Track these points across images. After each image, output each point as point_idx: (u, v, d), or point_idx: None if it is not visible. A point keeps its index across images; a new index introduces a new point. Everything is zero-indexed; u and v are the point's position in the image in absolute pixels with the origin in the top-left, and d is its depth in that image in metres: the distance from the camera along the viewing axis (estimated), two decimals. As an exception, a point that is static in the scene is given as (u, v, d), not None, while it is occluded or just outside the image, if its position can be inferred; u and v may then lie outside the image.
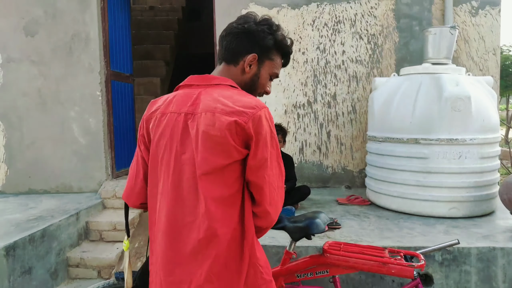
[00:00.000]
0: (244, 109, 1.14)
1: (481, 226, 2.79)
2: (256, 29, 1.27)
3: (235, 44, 1.27)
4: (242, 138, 1.14)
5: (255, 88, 1.33)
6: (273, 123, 1.21)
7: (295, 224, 1.84)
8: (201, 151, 1.14)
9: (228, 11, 4.22)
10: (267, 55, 1.30)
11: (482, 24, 4.15)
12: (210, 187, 1.15)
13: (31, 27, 4.30)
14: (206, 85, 1.25)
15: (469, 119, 2.93)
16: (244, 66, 1.27)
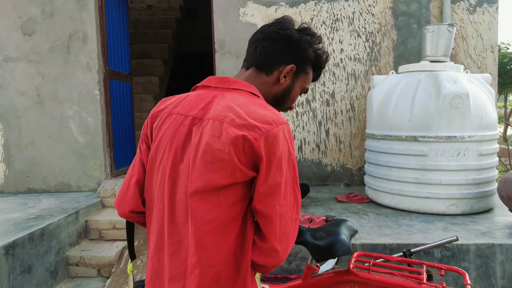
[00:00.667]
0: (258, 123, 0.98)
1: (479, 223, 2.80)
2: (299, 39, 1.14)
3: (274, 51, 1.14)
4: (250, 158, 0.97)
5: (285, 102, 1.21)
6: (292, 143, 1.04)
7: (316, 242, 1.60)
8: (198, 164, 0.99)
9: (226, 10, 4.22)
10: (304, 69, 1.19)
11: (479, 22, 4.17)
12: (201, 208, 0.98)
13: (28, 26, 4.29)
14: (225, 88, 1.11)
15: (467, 116, 2.94)
16: (280, 77, 1.14)
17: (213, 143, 0.98)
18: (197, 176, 0.98)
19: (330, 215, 2.94)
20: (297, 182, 1.05)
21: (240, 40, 4.23)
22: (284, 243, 1.01)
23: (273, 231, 1.00)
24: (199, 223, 0.98)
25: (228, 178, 0.97)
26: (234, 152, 0.96)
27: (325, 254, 1.59)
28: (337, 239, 1.58)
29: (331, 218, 2.83)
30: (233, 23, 4.23)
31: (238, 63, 4.25)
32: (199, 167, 0.98)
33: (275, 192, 0.99)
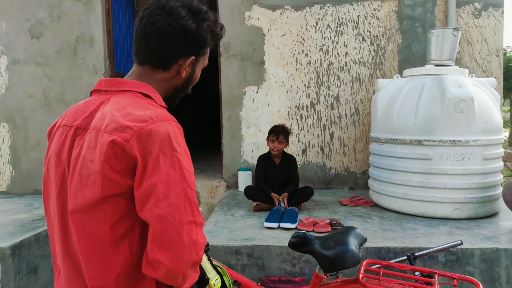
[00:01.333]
0: (130, 123, 0.88)
1: (484, 227, 2.80)
2: (196, 28, 1.03)
3: (172, 47, 1.03)
4: (126, 164, 0.87)
5: (187, 88, 1.15)
6: (179, 139, 0.92)
7: (325, 253, 1.58)
8: (75, 180, 0.91)
9: (231, 13, 4.24)
10: (204, 52, 1.11)
11: (485, 26, 4.16)
12: (84, 226, 0.90)
13: (36, 29, 4.34)
14: (114, 91, 1.01)
15: (472, 120, 2.94)
16: (180, 70, 1.06)
17: (88, 155, 0.90)
18: (74, 193, 0.91)
19: (334, 218, 2.95)
20: (189, 180, 0.91)
21: (245, 44, 4.25)
22: (171, 252, 0.85)
23: (152, 238, 0.85)
24: (84, 242, 0.91)
25: (101, 191, 0.87)
26: (105, 161, 0.87)
27: (334, 265, 1.57)
28: (346, 249, 1.57)
29: (335, 222, 2.84)
30: (238, 27, 4.25)
31: (243, 66, 4.27)
32: (76, 183, 0.91)
33: (152, 193, 0.86)
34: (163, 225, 0.85)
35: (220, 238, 2.59)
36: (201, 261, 0.93)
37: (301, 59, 4.26)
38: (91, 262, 0.91)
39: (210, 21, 1.08)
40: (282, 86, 4.28)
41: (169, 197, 0.86)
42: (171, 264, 0.85)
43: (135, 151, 0.86)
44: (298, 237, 1.68)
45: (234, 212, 3.30)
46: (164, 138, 0.88)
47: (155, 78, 1.06)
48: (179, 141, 0.92)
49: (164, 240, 0.85)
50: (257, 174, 3.47)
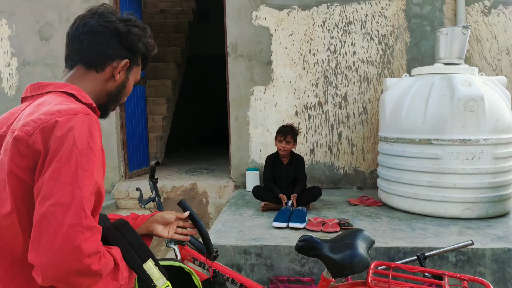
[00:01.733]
0: (36, 118, 0.83)
1: (495, 227, 2.77)
2: (128, 31, 1.07)
3: (105, 46, 1.04)
4: (32, 160, 0.82)
5: (120, 97, 1.13)
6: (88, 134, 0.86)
7: (333, 257, 1.56)
8: None
9: (239, 14, 4.25)
10: (136, 61, 1.13)
11: (495, 24, 4.12)
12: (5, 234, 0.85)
13: (45, 31, 4.39)
14: (38, 94, 0.97)
15: (482, 119, 2.91)
16: (114, 73, 1.07)
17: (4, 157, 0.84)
18: None
19: (343, 218, 2.94)
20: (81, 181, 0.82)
21: (252, 43, 4.25)
22: (46, 255, 0.76)
23: (32, 238, 0.78)
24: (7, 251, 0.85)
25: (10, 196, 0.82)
26: (12, 160, 0.81)
27: (343, 270, 1.56)
28: (355, 254, 1.55)
29: (344, 221, 2.83)
30: (245, 27, 4.26)
31: (250, 66, 4.28)
32: None
33: (40, 190, 0.79)
34: (43, 225, 0.77)
35: (229, 238, 2.60)
36: (93, 269, 0.80)
37: (309, 58, 4.26)
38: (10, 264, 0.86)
39: (140, 29, 1.10)
40: (290, 85, 4.27)
41: (54, 196, 0.78)
42: (45, 269, 0.77)
43: (39, 145, 0.80)
44: (305, 241, 1.66)
45: (242, 212, 3.30)
46: (67, 133, 0.82)
47: (87, 79, 1.04)
48: (84, 136, 0.84)
49: (41, 241, 0.77)
50: (265, 174, 3.47)
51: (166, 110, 6.36)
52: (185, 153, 7.71)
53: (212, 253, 1.67)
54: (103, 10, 1.08)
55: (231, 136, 4.38)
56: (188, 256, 1.86)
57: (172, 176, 4.90)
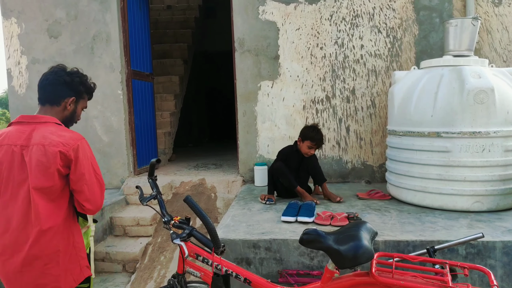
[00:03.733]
0: (67, 141, 1.66)
1: (506, 220, 2.75)
2: (71, 80, 1.78)
3: (58, 91, 1.76)
4: (65, 162, 1.65)
5: (73, 119, 1.86)
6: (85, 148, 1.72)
7: (338, 249, 1.59)
8: (34, 173, 1.61)
9: (245, 8, 4.24)
10: (80, 96, 1.84)
11: (505, 14, 4.06)
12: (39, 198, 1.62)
13: (54, 29, 4.43)
14: (37, 122, 1.70)
15: (493, 111, 2.88)
16: (66, 106, 1.78)
17: (41, 158, 1.61)
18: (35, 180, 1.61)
19: (352, 212, 2.93)
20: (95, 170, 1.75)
21: (259, 38, 4.25)
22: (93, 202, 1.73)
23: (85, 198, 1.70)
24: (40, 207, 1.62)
25: (52, 179, 1.63)
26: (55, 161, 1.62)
27: (348, 262, 1.58)
28: (360, 245, 1.57)
29: (352, 215, 2.83)
30: (252, 21, 4.25)
31: (257, 61, 4.27)
32: (36, 174, 1.61)
33: (82, 177, 1.68)
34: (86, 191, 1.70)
35: (238, 232, 2.61)
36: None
37: (316, 52, 4.24)
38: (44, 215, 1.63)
39: (81, 77, 1.83)
40: (297, 80, 4.26)
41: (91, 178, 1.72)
42: (93, 205, 1.73)
43: (71, 156, 1.65)
44: (309, 233, 1.67)
45: (251, 206, 3.32)
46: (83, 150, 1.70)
47: (53, 111, 1.77)
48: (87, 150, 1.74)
49: (91, 199, 1.72)
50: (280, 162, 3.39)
51: (173, 106, 6.39)
52: (193, 149, 7.74)
53: (220, 247, 1.68)
54: (56, 69, 1.80)
55: (239, 131, 4.39)
56: (191, 252, 1.87)
57: (181, 171, 4.93)
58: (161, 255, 3.52)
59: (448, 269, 1.60)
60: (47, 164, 1.60)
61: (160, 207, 1.93)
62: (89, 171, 1.71)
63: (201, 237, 1.77)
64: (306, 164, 3.43)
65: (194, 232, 1.78)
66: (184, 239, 1.77)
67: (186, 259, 1.79)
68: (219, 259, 1.81)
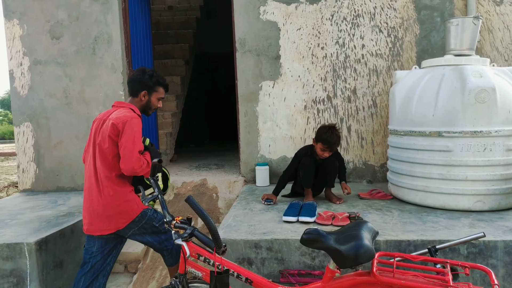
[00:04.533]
0: (121, 117, 2.31)
1: (508, 219, 2.74)
2: (143, 78, 2.49)
3: (135, 87, 2.51)
4: (116, 132, 2.30)
5: (150, 107, 2.55)
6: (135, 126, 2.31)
7: (339, 249, 1.59)
8: (100, 137, 2.35)
9: (246, 9, 4.25)
10: (152, 89, 2.53)
11: (507, 13, 4.05)
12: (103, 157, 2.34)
13: (56, 30, 4.44)
14: (119, 106, 2.48)
15: (494, 110, 2.87)
16: (141, 97, 2.51)
17: (105, 128, 2.34)
18: (99, 141, 2.36)
19: (353, 211, 2.94)
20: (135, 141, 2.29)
21: (260, 39, 4.25)
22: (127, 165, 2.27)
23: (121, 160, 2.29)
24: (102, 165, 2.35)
25: (107, 142, 2.32)
26: (111, 130, 2.30)
27: (349, 261, 1.58)
28: (361, 244, 1.57)
29: (354, 215, 2.83)
30: (253, 22, 4.25)
31: (258, 61, 4.28)
32: (100, 138, 2.35)
33: (122, 144, 2.28)
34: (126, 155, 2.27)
35: (240, 232, 2.62)
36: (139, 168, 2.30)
37: (317, 52, 4.24)
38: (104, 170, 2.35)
39: (151, 75, 2.52)
40: (298, 80, 4.26)
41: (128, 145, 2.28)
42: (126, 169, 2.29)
43: (120, 127, 2.29)
44: (310, 233, 1.67)
45: (252, 206, 3.32)
46: (129, 124, 2.30)
47: (134, 101, 2.53)
48: (135, 127, 2.32)
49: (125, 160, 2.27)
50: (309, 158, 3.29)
51: (175, 107, 6.40)
52: (194, 149, 7.75)
53: (221, 247, 1.69)
54: (136, 71, 2.56)
55: (240, 132, 4.39)
56: (193, 252, 1.87)
57: (182, 172, 4.94)
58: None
59: (449, 268, 1.60)
60: (106, 131, 2.30)
61: (161, 207, 1.94)
62: (128, 141, 2.25)
63: (203, 237, 1.78)
64: (323, 167, 3.28)
65: (195, 232, 1.78)
66: (186, 239, 1.77)
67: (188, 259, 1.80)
68: (220, 259, 1.81)
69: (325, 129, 3.19)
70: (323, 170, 3.32)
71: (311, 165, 3.24)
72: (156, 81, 2.48)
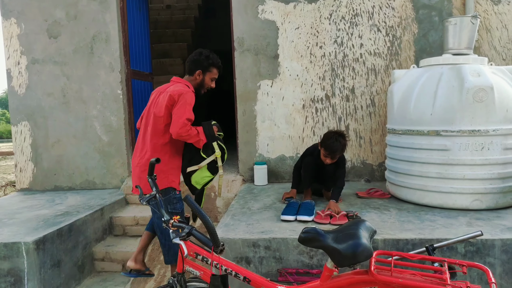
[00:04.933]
0: (177, 90, 2.57)
1: (505, 218, 2.75)
2: (199, 59, 2.73)
3: (192, 66, 2.74)
4: (172, 102, 2.54)
5: (203, 86, 2.80)
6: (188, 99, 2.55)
7: (337, 248, 1.59)
8: (157, 106, 2.60)
9: (245, 8, 4.24)
10: (207, 69, 2.76)
11: (505, 13, 4.06)
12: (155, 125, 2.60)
13: (54, 29, 4.43)
14: (176, 82, 2.72)
15: (492, 109, 2.88)
16: (196, 76, 2.75)
17: (162, 99, 2.60)
18: (155, 110, 2.61)
19: (351, 210, 2.94)
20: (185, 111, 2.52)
21: (259, 38, 4.25)
22: (175, 129, 2.49)
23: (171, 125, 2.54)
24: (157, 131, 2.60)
25: (162, 111, 2.56)
26: (168, 100, 2.55)
27: (347, 260, 1.57)
28: (359, 243, 1.56)
29: (352, 214, 2.83)
30: (252, 21, 4.25)
31: (257, 60, 4.27)
32: (157, 107, 2.61)
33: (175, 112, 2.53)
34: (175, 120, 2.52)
35: (238, 231, 2.62)
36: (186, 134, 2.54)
37: (316, 51, 4.24)
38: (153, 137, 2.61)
39: (207, 56, 2.74)
40: (297, 79, 4.26)
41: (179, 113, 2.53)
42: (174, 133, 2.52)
43: (176, 98, 2.54)
44: (308, 232, 1.67)
45: (250, 205, 3.32)
46: (183, 97, 2.54)
47: (190, 79, 2.76)
48: (188, 99, 2.55)
49: (174, 125, 2.51)
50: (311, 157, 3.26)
51: (173, 106, 6.39)
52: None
53: (219, 246, 1.69)
54: (194, 52, 2.79)
55: (238, 131, 4.39)
56: (191, 251, 1.86)
57: (181, 171, 4.92)
58: (161, 254, 3.52)
59: (447, 267, 1.61)
60: (164, 101, 2.56)
61: (159, 206, 1.93)
62: (180, 109, 2.52)
63: (201, 236, 1.77)
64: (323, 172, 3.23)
65: (193, 231, 1.78)
66: (184, 238, 1.77)
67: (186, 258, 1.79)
68: (218, 258, 1.81)
69: (330, 134, 3.07)
70: (322, 176, 3.29)
71: (310, 166, 3.24)
72: (211, 62, 2.73)
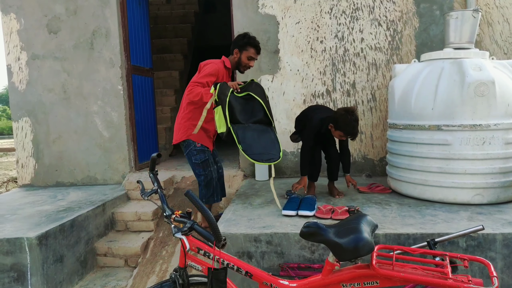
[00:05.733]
0: (205, 62, 3.07)
1: (506, 213, 2.75)
2: (237, 39, 3.12)
3: (231, 46, 3.14)
4: (200, 69, 3.03)
5: (240, 64, 3.15)
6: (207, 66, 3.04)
7: (338, 242, 1.58)
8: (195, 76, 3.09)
9: (245, 2, 4.22)
10: (243, 48, 3.09)
11: (506, 6, 4.04)
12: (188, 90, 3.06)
13: (54, 25, 4.42)
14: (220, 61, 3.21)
15: (493, 104, 2.87)
16: (234, 55, 3.13)
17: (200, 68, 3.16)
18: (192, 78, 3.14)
19: (352, 205, 2.94)
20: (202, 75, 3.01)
21: (259, 32, 4.23)
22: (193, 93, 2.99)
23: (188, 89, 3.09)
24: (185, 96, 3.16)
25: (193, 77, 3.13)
26: (198, 69, 3.14)
27: (349, 254, 1.57)
28: (360, 237, 1.56)
29: (353, 209, 2.84)
30: (252, 15, 4.23)
31: (257, 55, 4.25)
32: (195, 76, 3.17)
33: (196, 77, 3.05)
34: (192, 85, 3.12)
35: (239, 227, 2.63)
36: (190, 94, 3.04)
37: (316, 46, 4.23)
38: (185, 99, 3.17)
39: (243, 36, 3.15)
40: (297, 74, 4.25)
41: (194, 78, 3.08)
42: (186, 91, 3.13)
43: (200, 67, 3.12)
44: (309, 226, 1.67)
45: (252, 201, 3.33)
46: (207, 66, 3.07)
47: (230, 58, 3.20)
48: (211, 68, 3.04)
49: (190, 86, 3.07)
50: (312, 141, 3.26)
51: (174, 101, 6.38)
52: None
53: (221, 241, 1.69)
54: (240, 34, 3.20)
55: (239, 126, 4.38)
56: (193, 246, 1.87)
57: (182, 166, 4.94)
58: (163, 249, 3.54)
59: (448, 261, 1.61)
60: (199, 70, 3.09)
61: (161, 201, 1.94)
62: (195, 76, 3.00)
63: (202, 231, 1.78)
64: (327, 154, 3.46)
65: (195, 226, 1.78)
66: (186, 233, 1.77)
67: (188, 253, 1.80)
68: (220, 253, 1.82)
69: (343, 116, 2.99)
70: (327, 157, 3.45)
71: (308, 151, 3.26)
72: (247, 41, 3.01)
